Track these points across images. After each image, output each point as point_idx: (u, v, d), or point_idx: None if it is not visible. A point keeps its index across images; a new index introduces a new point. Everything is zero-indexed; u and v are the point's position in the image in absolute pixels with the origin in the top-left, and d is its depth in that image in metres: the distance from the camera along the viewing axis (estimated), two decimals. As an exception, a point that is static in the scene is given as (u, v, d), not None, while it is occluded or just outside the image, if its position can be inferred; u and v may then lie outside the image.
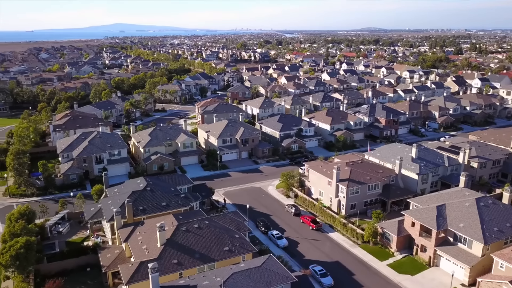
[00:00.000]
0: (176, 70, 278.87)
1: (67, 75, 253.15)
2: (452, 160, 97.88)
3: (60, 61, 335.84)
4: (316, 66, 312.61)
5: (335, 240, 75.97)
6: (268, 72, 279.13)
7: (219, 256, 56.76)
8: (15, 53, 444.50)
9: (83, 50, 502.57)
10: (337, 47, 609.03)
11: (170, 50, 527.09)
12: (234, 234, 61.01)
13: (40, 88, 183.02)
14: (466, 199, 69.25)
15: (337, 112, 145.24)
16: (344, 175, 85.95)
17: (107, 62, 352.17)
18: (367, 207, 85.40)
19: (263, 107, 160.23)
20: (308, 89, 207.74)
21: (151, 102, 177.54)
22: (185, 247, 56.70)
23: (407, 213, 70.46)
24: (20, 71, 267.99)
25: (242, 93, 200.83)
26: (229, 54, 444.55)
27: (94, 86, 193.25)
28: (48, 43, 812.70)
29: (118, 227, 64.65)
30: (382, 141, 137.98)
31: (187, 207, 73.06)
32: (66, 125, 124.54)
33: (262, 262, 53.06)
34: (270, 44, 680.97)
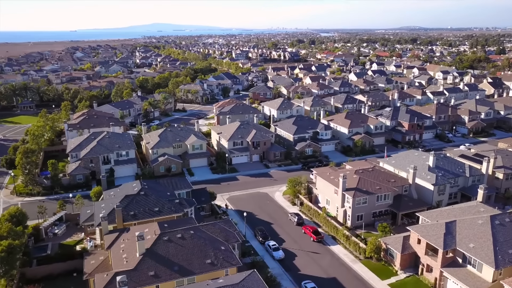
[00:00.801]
0: (201, 69, 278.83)
1: (96, 74, 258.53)
2: (474, 170, 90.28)
3: (93, 60, 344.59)
4: (344, 66, 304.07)
5: (336, 253, 71.15)
6: (294, 72, 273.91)
7: (200, 270, 53.62)
8: (53, 52, 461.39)
9: (117, 49, 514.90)
10: (371, 46, 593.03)
11: (201, 49, 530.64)
12: (220, 245, 57.70)
13: (65, 87, 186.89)
14: (479, 215, 62.69)
15: (357, 115, 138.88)
16: (352, 183, 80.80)
17: (138, 61, 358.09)
18: (375, 218, 79.87)
19: (281, 109, 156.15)
20: (333, 90, 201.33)
21: (171, 101, 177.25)
22: (165, 259, 53.94)
23: (412, 229, 64.69)
24: (53, 69, 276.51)
25: (264, 93, 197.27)
26: (258, 53, 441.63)
27: (117, 85, 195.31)
28: (87, 42, 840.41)
29: (105, 232, 62.86)
30: (404, 146, 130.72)
31: (180, 213, 70.44)
32: (80, 124, 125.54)
33: (242, 279, 49.52)
34: (303, 44, 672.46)
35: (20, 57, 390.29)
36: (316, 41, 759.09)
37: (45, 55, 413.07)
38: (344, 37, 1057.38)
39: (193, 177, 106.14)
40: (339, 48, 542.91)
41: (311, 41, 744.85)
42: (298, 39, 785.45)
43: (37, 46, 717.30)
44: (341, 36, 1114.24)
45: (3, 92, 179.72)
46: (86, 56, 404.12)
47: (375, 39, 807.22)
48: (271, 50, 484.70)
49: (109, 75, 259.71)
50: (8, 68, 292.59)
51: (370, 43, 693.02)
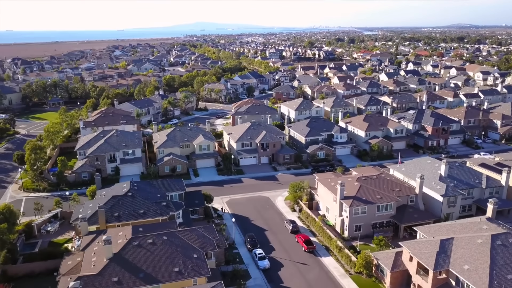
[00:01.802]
0: (230, 68, 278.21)
1: (127, 72, 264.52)
2: (492, 181, 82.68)
3: (128, 59, 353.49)
4: (377, 66, 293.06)
5: (326, 266, 67.00)
6: (324, 71, 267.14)
7: (166, 278, 51.63)
8: (94, 50, 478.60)
9: (155, 48, 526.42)
10: (413, 45, 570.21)
11: (236, 48, 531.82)
12: (192, 253, 55.48)
13: (92, 85, 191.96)
14: (480, 234, 56.57)
15: (377, 117, 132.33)
16: (351, 191, 76.16)
17: (172, 60, 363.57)
18: (374, 230, 74.79)
19: (300, 109, 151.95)
20: (360, 90, 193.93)
21: (192, 100, 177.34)
22: (132, 265, 52.42)
23: (405, 245, 59.47)
24: (88, 67, 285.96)
25: (287, 93, 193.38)
26: (292, 52, 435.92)
27: (143, 83, 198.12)
28: (131, 41, 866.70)
29: (83, 233, 62.46)
30: (426, 152, 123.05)
31: (166, 216, 68.99)
32: (95, 122, 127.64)
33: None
34: (341, 42, 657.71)
35: (63, 55, 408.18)
36: (356, 39, 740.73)
37: (86, 54, 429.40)
38: (387, 35, 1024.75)
39: (197, 178, 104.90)
40: (378, 47, 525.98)
41: (351, 39, 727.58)
42: (337, 38, 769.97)
43: (83, 45, 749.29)
44: (384, 35, 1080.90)
45: (34, 89, 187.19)
46: (124, 55, 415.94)
47: (419, 38, 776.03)
48: (306, 48, 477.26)
49: (140, 73, 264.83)
50: (48, 66, 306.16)
51: (413, 42, 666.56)
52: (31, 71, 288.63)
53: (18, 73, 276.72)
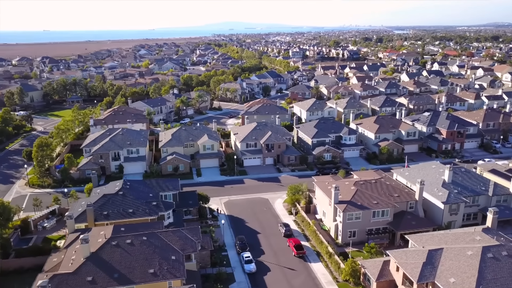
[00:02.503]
0: (249, 68, 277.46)
1: (148, 71, 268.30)
2: (500, 189, 78.30)
3: (151, 58, 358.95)
4: (399, 66, 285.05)
5: (314, 272, 65.08)
6: (345, 71, 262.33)
7: (140, 279, 51.30)
8: (121, 49, 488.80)
9: (181, 47, 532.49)
10: (443, 44, 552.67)
11: (260, 47, 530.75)
12: (171, 255, 54.94)
13: (110, 83, 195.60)
14: (471, 245, 53.39)
15: (389, 119, 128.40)
16: (347, 196, 73.84)
17: (195, 59, 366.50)
18: (369, 236, 72.19)
19: (312, 110, 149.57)
20: (378, 91, 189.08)
21: (206, 100, 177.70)
22: (107, 264, 52.38)
23: (392, 253, 56.89)
24: (112, 66, 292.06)
25: (302, 93, 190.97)
26: (316, 51, 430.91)
27: (160, 82, 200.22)
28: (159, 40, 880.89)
29: (70, 231, 63.13)
30: (439, 156, 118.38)
31: (155, 216, 68.91)
32: (106, 120, 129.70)
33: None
34: (368, 42, 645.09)
35: (90, 54, 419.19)
36: (384, 39, 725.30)
37: (112, 53, 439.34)
38: (418, 34, 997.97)
39: (199, 178, 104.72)
40: (405, 46, 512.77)
41: (379, 39, 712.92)
42: (365, 37, 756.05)
43: (113, 44, 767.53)
44: (415, 34, 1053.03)
45: (55, 87, 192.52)
46: (148, 54, 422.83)
47: (451, 37, 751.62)
48: (331, 48, 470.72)
49: (160, 72, 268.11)
50: (74, 65, 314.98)
51: (444, 41, 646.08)
52: (57, 69, 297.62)
53: (45, 71, 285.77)
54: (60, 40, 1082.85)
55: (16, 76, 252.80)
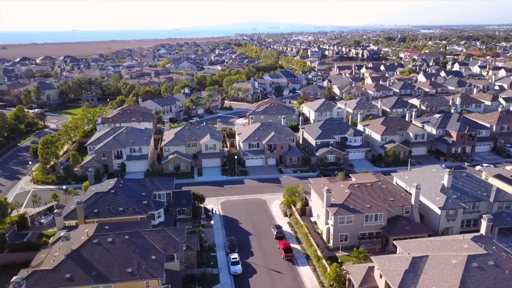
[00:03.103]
0: (264, 67, 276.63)
1: (164, 70, 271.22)
2: (503, 195, 75.23)
3: (170, 57, 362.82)
4: (418, 66, 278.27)
5: (301, 276, 64.05)
6: (361, 71, 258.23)
7: (117, 278, 51.53)
8: (142, 49, 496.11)
9: (200, 47, 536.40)
10: (468, 44, 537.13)
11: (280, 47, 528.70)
12: (151, 254, 55.02)
13: (123, 82, 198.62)
14: (457, 253, 51.31)
15: (397, 121, 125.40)
16: (339, 199, 72.42)
17: (213, 59, 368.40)
18: (361, 241, 70.53)
19: (320, 110, 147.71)
20: (392, 91, 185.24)
21: (217, 99, 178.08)
22: (87, 262, 52.86)
23: (375, 259, 55.27)
24: (130, 65, 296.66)
25: (314, 93, 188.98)
26: (335, 51, 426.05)
27: (173, 82, 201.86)
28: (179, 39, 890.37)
29: (58, 228, 64.17)
30: (448, 159, 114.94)
31: (144, 215, 69.27)
32: (113, 119, 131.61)
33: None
34: (391, 41, 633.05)
35: (111, 53, 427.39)
36: (407, 38, 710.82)
37: (133, 52, 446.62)
38: (444, 34, 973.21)
39: (200, 177, 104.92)
40: (428, 46, 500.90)
41: (402, 38, 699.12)
42: (387, 37, 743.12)
43: (137, 43, 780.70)
44: (441, 33, 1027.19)
45: (71, 85, 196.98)
46: (168, 53, 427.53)
47: (478, 36, 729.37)
48: (351, 48, 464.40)
49: (177, 72, 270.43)
50: (94, 64, 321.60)
51: (470, 41, 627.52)
52: (78, 68, 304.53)
53: (66, 70, 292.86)
54: (87, 39, 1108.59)
55: (37, 75, 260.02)
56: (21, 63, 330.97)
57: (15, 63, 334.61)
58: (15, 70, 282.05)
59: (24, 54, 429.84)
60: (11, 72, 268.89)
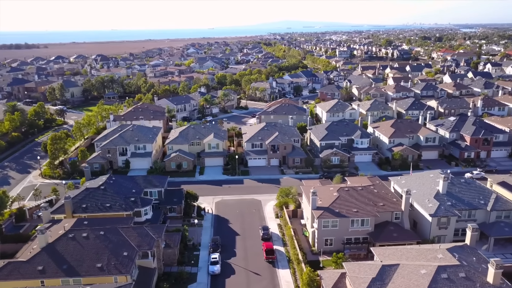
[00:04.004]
0: (287, 67, 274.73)
1: (188, 69, 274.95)
2: (502, 204, 71.29)
3: (196, 56, 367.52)
4: (445, 67, 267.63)
5: (278, 279, 63.30)
6: (385, 71, 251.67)
7: (86, 272, 52.82)
8: (172, 48, 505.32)
9: (229, 46, 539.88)
10: (508, 43, 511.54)
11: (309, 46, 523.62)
12: (123, 251, 55.99)
13: (143, 81, 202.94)
14: (429, 263, 49.09)
15: (408, 123, 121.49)
16: (326, 202, 71.03)
17: (239, 58, 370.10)
18: (345, 246, 68.81)
19: (332, 111, 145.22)
20: (413, 93, 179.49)
21: (232, 99, 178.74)
22: (60, 256, 54.47)
23: (346, 266, 53.79)
24: (156, 64, 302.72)
25: (332, 93, 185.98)
26: (364, 51, 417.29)
27: (193, 80, 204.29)
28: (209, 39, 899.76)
29: (45, 221, 66.39)
30: (459, 164, 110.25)
31: (130, 211, 70.57)
32: (125, 116, 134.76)
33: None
34: (426, 41, 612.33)
35: (141, 52, 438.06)
36: (444, 37, 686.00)
37: (163, 51, 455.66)
38: (488, 33, 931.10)
39: (201, 176, 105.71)
40: (463, 45, 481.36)
41: (438, 38, 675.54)
42: (424, 36, 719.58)
43: (171, 42, 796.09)
44: (483, 32, 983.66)
45: (93, 83, 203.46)
46: (196, 52, 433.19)
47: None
48: (381, 47, 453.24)
49: (200, 71, 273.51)
50: (122, 62, 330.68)
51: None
52: (108, 67, 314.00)
53: (96, 68, 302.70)
54: (124, 38, 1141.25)
55: (67, 73, 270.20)
56: (54, 62, 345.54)
57: (49, 61, 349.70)
58: (47, 68, 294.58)
59: (62, 52, 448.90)
60: (44, 70, 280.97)
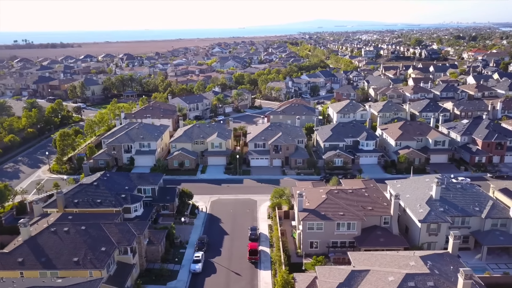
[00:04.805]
0: (307, 66, 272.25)
1: (209, 69, 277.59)
2: (498, 211, 68.16)
3: (219, 55, 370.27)
4: (471, 67, 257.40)
5: (257, 280, 63.10)
6: (408, 72, 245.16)
7: (63, 266, 54.41)
8: (198, 47, 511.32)
9: (255, 45, 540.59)
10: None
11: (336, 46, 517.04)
12: (101, 246, 57.31)
13: (161, 79, 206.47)
14: (398, 270, 47.61)
15: (417, 125, 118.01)
16: (314, 204, 70.21)
17: (262, 58, 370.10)
18: (329, 249, 67.72)
19: (343, 112, 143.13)
20: (432, 94, 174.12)
21: (246, 98, 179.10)
22: (40, 249, 56.34)
23: (318, 269, 52.94)
24: (178, 63, 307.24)
25: (347, 94, 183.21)
26: (390, 50, 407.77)
27: (213, 79, 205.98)
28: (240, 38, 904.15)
29: (36, 214, 68.83)
30: (469, 169, 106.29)
31: (119, 208, 72.07)
32: (135, 114, 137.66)
33: (71, 284, 48.62)
34: (459, 40, 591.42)
35: (167, 51, 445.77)
36: (479, 37, 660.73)
37: (189, 50, 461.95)
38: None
39: (202, 175, 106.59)
40: (498, 45, 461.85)
41: (473, 37, 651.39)
42: (457, 35, 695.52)
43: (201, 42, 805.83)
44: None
45: (113, 82, 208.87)
46: (220, 52, 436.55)
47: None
48: (409, 47, 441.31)
49: (220, 70, 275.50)
50: (146, 61, 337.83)
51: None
52: (133, 65, 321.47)
53: (122, 67, 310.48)
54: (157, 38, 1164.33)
55: (93, 71, 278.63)
56: (82, 60, 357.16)
57: (77, 60, 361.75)
58: (74, 66, 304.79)
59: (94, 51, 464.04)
60: (71, 68, 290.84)
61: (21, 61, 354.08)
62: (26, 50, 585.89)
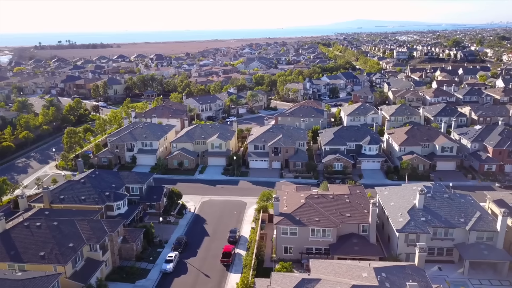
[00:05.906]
0: (332, 68, 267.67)
1: (232, 70, 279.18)
2: (484, 223, 64.18)
3: (249, 56, 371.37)
4: (504, 70, 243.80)
5: (225, 283, 62.78)
6: (435, 74, 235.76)
7: (29, 260, 56.30)
8: (228, 48, 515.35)
9: (285, 46, 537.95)
10: None
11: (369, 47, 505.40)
12: (69, 242, 58.89)
13: (180, 80, 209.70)
14: (349, 281, 45.83)
15: (425, 130, 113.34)
16: (291, 208, 69.07)
17: (290, 59, 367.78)
18: (303, 255, 66.24)
19: (354, 115, 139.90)
20: (454, 98, 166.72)
21: (261, 99, 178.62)
22: (11, 242, 58.55)
23: (272, 276, 51.90)
24: (204, 64, 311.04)
25: (365, 96, 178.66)
26: (423, 51, 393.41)
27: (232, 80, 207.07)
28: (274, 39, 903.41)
29: (21, 209, 71.74)
30: (478, 177, 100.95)
31: (101, 205, 73.77)
32: (145, 114, 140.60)
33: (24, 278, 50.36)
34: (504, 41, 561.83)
35: (197, 52, 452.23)
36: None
37: (219, 51, 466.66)
38: None
39: (200, 175, 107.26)
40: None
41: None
42: (502, 36, 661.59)
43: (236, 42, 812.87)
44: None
45: (135, 81, 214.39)
46: (249, 53, 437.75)
47: None
48: (445, 48, 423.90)
49: (245, 71, 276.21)
50: (174, 62, 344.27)
51: None
52: (161, 66, 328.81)
53: (150, 67, 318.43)
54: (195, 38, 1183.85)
55: (122, 71, 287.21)
56: (114, 60, 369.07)
57: (109, 59, 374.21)
58: (105, 66, 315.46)
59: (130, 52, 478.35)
60: (101, 68, 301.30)
61: (57, 60, 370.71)
62: (68, 50, 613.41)
